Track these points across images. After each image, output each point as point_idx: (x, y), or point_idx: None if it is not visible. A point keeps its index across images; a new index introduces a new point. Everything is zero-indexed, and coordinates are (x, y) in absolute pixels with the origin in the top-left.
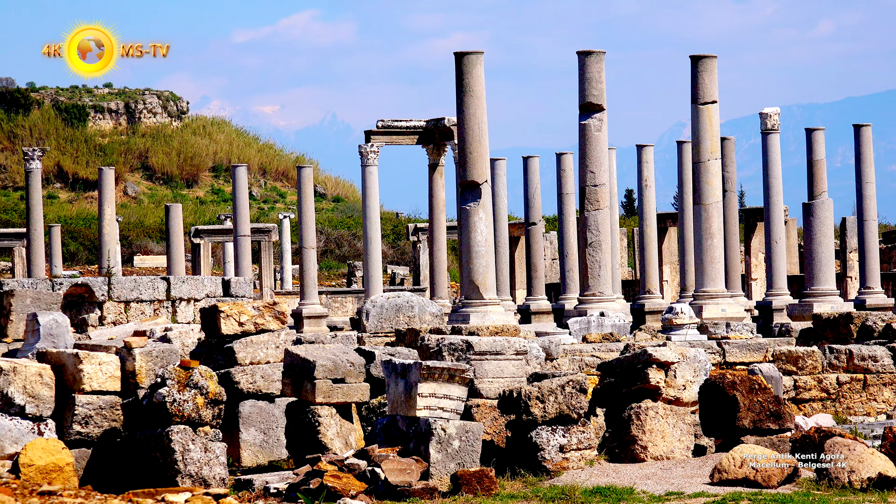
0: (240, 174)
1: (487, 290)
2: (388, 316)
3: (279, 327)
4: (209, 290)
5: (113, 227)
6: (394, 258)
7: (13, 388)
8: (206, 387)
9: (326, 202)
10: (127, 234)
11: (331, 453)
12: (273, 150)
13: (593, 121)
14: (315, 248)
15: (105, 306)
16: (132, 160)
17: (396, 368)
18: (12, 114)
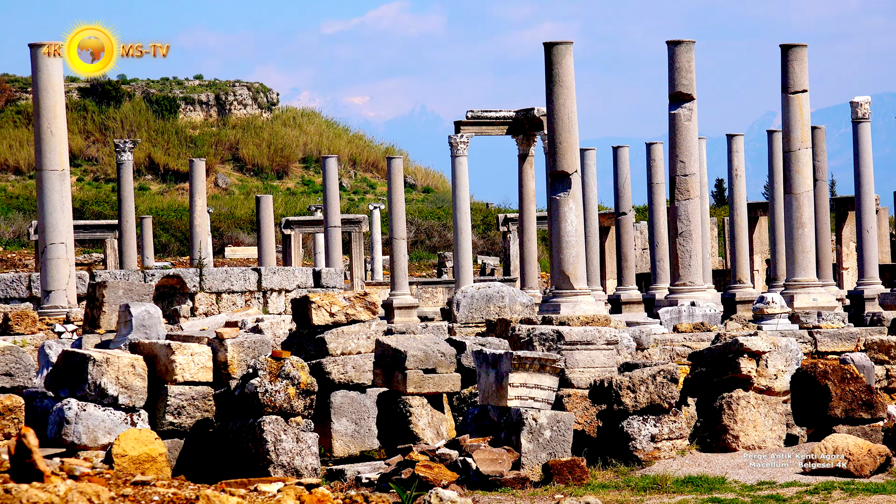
0: (330, 165)
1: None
2: (479, 306)
3: (370, 318)
4: (300, 281)
5: (204, 218)
6: (484, 248)
7: (106, 379)
8: (297, 377)
9: (416, 193)
10: (218, 226)
11: (422, 443)
12: (363, 142)
13: (683, 110)
14: (405, 239)
15: (197, 297)
16: (223, 152)
17: (487, 358)
18: (104, 106)
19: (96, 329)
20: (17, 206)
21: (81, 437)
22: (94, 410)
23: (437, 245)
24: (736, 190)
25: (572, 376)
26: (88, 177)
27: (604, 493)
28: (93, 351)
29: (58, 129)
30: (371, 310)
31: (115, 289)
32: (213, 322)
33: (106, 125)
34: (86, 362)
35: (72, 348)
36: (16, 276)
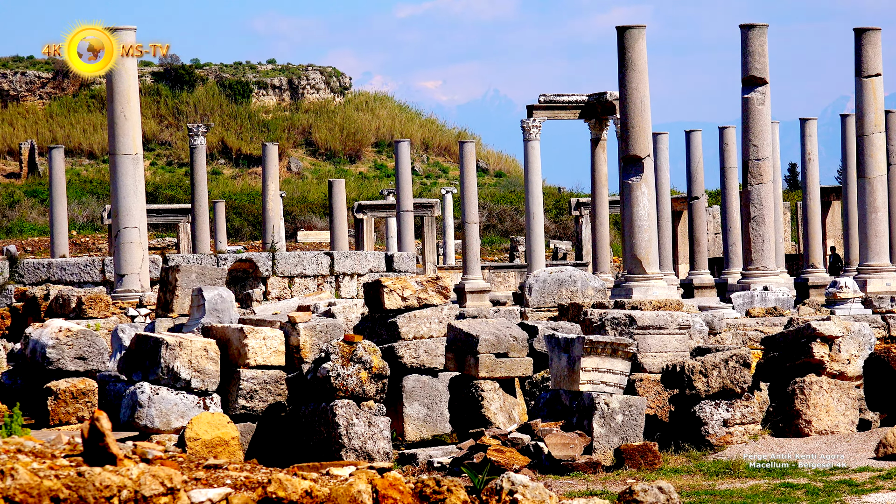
0: (402, 149)
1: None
2: (551, 290)
3: (442, 302)
4: (372, 266)
5: (276, 202)
6: (556, 233)
7: (179, 363)
8: (369, 361)
9: (489, 177)
10: (290, 210)
11: (494, 427)
12: (435, 126)
13: (756, 94)
14: (477, 223)
15: (269, 281)
16: (295, 136)
17: (559, 343)
18: (177, 90)
19: (169, 313)
20: (90, 191)
21: (154, 420)
22: (167, 394)
23: (509, 229)
24: (809, 174)
25: (644, 361)
26: (162, 161)
27: (676, 478)
28: (166, 335)
29: (131, 113)
30: (443, 294)
31: (188, 273)
32: (285, 306)
33: (179, 109)
34: (159, 346)
35: (145, 332)
36: (89, 259)
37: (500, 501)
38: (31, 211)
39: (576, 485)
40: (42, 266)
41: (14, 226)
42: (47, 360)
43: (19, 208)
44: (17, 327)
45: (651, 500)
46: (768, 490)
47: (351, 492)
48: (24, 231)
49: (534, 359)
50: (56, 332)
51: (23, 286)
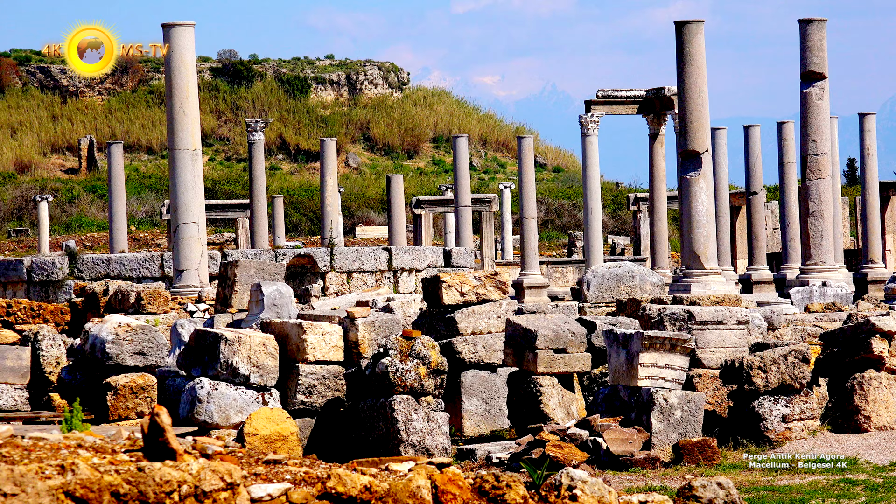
0: (460, 145)
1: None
2: (609, 286)
3: (500, 297)
4: (430, 261)
5: (335, 197)
6: (614, 228)
7: (238, 358)
8: (428, 357)
9: (547, 172)
10: (348, 205)
11: (552, 423)
12: (493, 121)
13: (815, 89)
14: (536, 218)
15: (327, 277)
16: (353, 131)
17: (618, 338)
18: (235, 86)
19: (228, 308)
20: (149, 186)
21: (213, 415)
22: (226, 389)
23: (567, 224)
24: (868, 169)
25: (703, 356)
26: (220, 156)
27: (734, 474)
28: (225, 330)
29: (190, 108)
30: (501, 289)
31: (246, 268)
32: (343, 301)
33: (237, 105)
34: (218, 341)
35: (204, 327)
36: (148, 255)
37: (560, 497)
38: (91, 206)
39: (634, 480)
40: (101, 261)
41: (73, 221)
42: (107, 356)
43: (79, 204)
44: (77, 323)
45: (710, 495)
46: (827, 486)
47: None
48: (84, 226)
49: (592, 354)
50: (115, 328)
51: (82, 281)
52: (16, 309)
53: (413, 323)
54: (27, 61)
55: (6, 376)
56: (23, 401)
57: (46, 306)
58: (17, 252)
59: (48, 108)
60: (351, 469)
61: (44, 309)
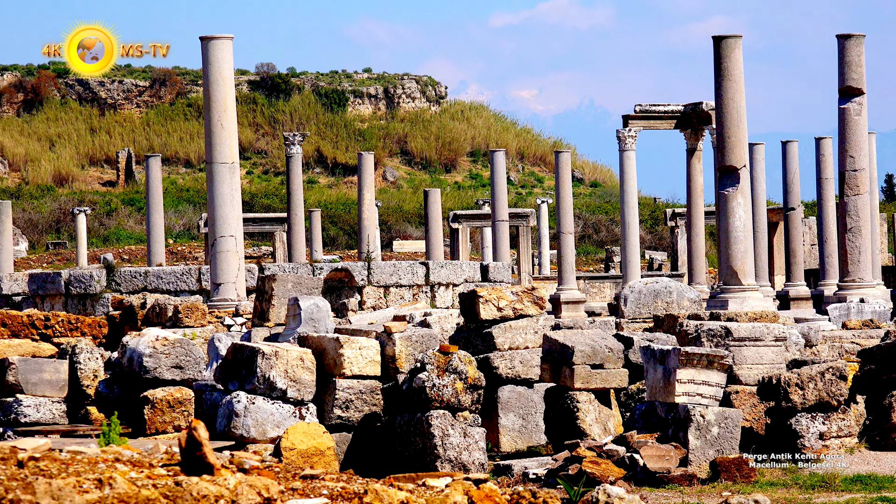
0: (498, 159)
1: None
2: (646, 301)
3: (537, 312)
4: (467, 275)
5: (372, 211)
6: (651, 243)
7: (275, 373)
8: (465, 372)
9: (584, 187)
10: (386, 219)
11: (589, 439)
12: (531, 135)
13: (853, 105)
14: (573, 233)
15: (365, 291)
16: (391, 145)
17: (655, 354)
18: (273, 99)
19: (265, 322)
20: (187, 199)
21: (250, 430)
22: (263, 403)
23: (604, 240)
24: None
25: (740, 373)
26: (258, 170)
27: (772, 491)
28: (262, 344)
29: (228, 122)
30: (538, 304)
31: (283, 282)
32: (380, 316)
33: (275, 118)
34: (255, 355)
35: (241, 341)
36: (186, 268)
37: None
38: (128, 219)
39: (671, 497)
40: (139, 275)
41: (111, 234)
42: (144, 369)
43: (116, 216)
44: (115, 336)
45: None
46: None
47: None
48: (121, 239)
49: (629, 370)
50: (153, 341)
51: (119, 294)
52: (54, 322)
53: (450, 338)
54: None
55: (44, 389)
56: (60, 414)
57: (84, 319)
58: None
59: (86, 120)
60: (388, 484)
61: (81, 322)
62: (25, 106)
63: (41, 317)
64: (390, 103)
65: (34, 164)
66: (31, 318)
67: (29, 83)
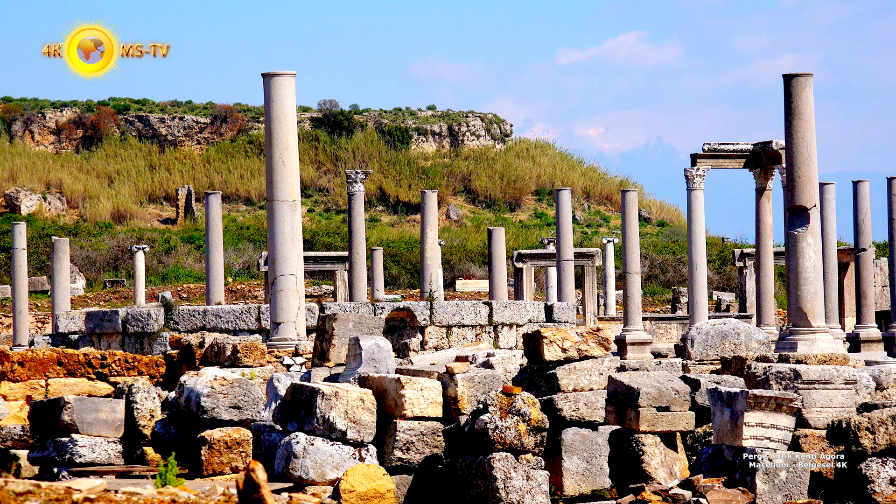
0: (563, 198)
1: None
2: (714, 343)
3: (603, 354)
4: (531, 316)
5: (435, 250)
6: (719, 284)
7: (335, 413)
8: (528, 413)
9: (651, 227)
10: (449, 258)
11: (654, 483)
12: (596, 174)
13: None
14: (639, 273)
15: (426, 331)
16: (454, 183)
17: (722, 397)
18: (335, 136)
19: (325, 362)
20: (247, 237)
21: (309, 471)
22: (322, 445)
23: (671, 280)
24: None
25: (809, 416)
26: (319, 207)
27: None
28: (322, 384)
29: (289, 159)
30: (604, 346)
31: (344, 321)
32: (443, 356)
33: (337, 155)
34: (315, 396)
35: (300, 381)
36: (245, 307)
37: None
38: (187, 257)
39: None
40: (197, 313)
41: (170, 272)
42: (202, 409)
43: (175, 254)
44: (172, 375)
45: None
46: None
47: None
48: (180, 277)
49: (696, 413)
50: (211, 381)
51: (178, 333)
52: (110, 361)
53: (513, 379)
54: (126, 110)
55: (100, 429)
56: (116, 454)
57: (141, 358)
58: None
59: (146, 157)
60: None
61: (138, 361)
62: (84, 142)
63: (98, 356)
64: (454, 141)
65: (92, 201)
66: (87, 356)
67: (88, 119)
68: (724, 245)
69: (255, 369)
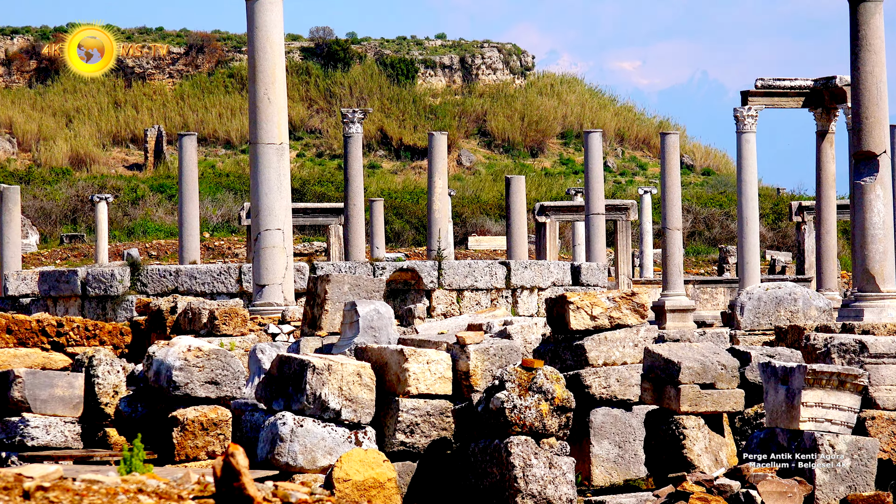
0: (593, 142)
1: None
2: (767, 310)
3: (638, 322)
4: (556, 278)
5: (444, 202)
6: (773, 242)
7: (327, 390)
8: (551, 391)
9: (694, 175)
10: (460, 211)
11: (697, 472)
12: (632, 114)
13: None
14: (681, 230)
15: (434, 295)
16: (467, 124)
17: (776, 372)
18: (329, 69)
19: (316, 331)
20: (226, 186)
21: (297, 457)
22: (313, 426)
23: (717, 237)
24: None
25: (877, 395)
26: (310, 152)
27: None
28: (312, 356)
29: (276, 95)
30: (639, 313)
31: (339, 284)
32: (453, 324)
33: (332, 92)
34: (304, 370)
35: (288, 353)
36: (224, 266)
37: None
38: (157, 209)
39: None
40: (169, 273)
41: (137, 226)
42: (173, 385)
43: (143, 205)
44: (139, 345)
45: None
46: None
47: None
48: (149, 232)
49: (745, 391)
50: (184, 352)
51: (146, 297)
52: (68, 328)
53: (534, 351)
54: None
55: (55, 408)
56: (74, 437)
57: (104, 325)
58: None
59: (110, 92)
60: None
61: (100, 329)
62: (38, 75)
63: (53, 322)
64: (467, 75)
65: (48, 144)
66: (41, 323)
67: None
68: (779, 197)
69: (236, 339)
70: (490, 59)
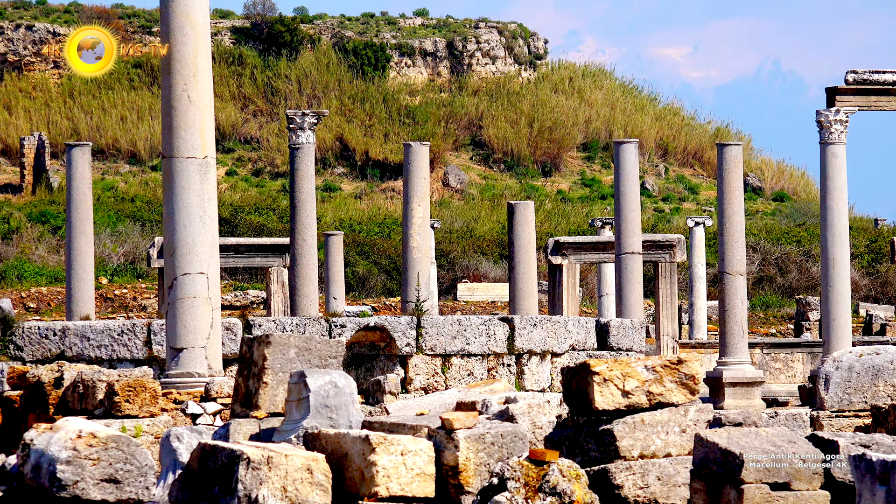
0: (627, 155)
1: None
2: (861, 383)
3: (686, 400)
4: (575, 340)
5: (425, 236)
6: (869, 291)
7: (266, 491)
8: (569, 493)
9: (763, 201)
10: (447, 249)
11: None
12: (679, 118)
13: None
14: (745, 275)
15: (411, 363)
16: (457, 132)
17: (873, 468)
18: (271, 58)
19: (252, 411)
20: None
21: None
22: None
23: (794, 285)
24: None
25: None
26: (245, 169)
27: None
28: (246, 446)
29: (199, 92)
30: (688, 387)
31: (283, 348)
32: (436, 402)
33: (274, 88)
34: (235, 463)
35: (214, 441)
36: (127, 324)
37: None
38: (38, 245)
39: None
40: (53, 333)
41: (10, 268)
42: (58, 484)
43: (18, 241)
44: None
45: None
46: None
47: None
48: (25, 276)
49: (831, 493)
50: (73, 440)
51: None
52: None
53: (546, 438)
54: None
55: None
56: None
57: None
58: None
59: None
60: None
61: None
62: None
63: None
64: (457, 66)
65: None
66: None
67: None
68: (876, 231)
69: (143, 421)
70: (488, 44)
